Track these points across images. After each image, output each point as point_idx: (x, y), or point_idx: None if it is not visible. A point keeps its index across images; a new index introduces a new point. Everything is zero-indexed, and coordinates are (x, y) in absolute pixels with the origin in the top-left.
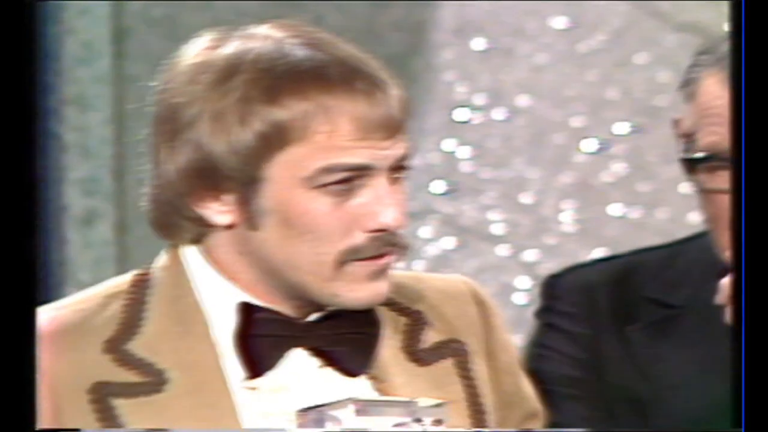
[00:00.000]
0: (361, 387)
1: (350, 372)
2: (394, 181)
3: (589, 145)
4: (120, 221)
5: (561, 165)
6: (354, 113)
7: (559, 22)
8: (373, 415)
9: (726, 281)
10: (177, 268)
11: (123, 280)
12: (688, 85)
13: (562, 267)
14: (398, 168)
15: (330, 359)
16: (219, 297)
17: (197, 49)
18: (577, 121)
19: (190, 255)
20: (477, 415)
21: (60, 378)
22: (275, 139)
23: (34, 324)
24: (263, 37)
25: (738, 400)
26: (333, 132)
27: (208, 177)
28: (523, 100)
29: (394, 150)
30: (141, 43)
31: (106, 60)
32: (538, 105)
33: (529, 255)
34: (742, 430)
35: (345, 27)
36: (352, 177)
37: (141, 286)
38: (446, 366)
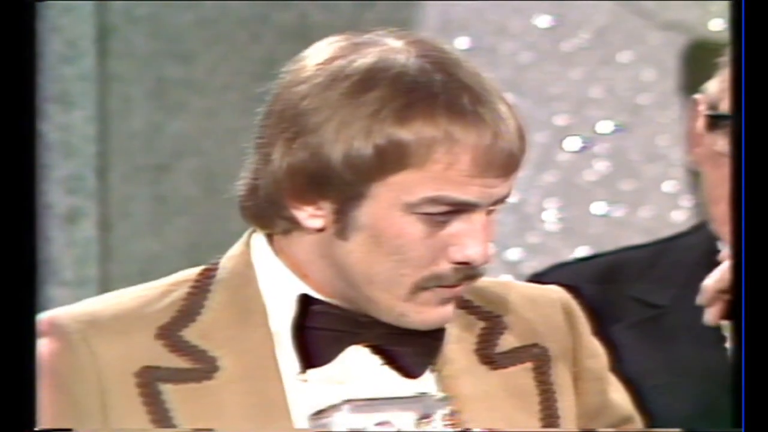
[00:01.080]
0: (425, 387)
1: (410, 373)
2: (489, 214)
3: (573, 143)
4: (103, 219)
5: (544, 163)
6: (478, 148)
7: (543, 20)
8: (369, 413)
9: (708, 282)
10: (244, 258)
11: (194, 271)
12: (723, 54)
13: (546, 266)
14: (499, 202)
15: (390, 358)
16: (281, 288)
17: (331, 53)
18: (560, 120)
19: (259, 246)
20: (549, 419)
21: (107, 362)
22: (394, 160)
23: (33, 323)
24: (402, 51)
25: (738, 400)
26: (452, 164)
27: (316, 183)
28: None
29: (501, 188)
30: (125, 42)
31: (90, 58)
32: (521, 103)
33: (513, 254)
34: (742, 430)
35: (329, 25)
36: (453, 209)
37: (208, 275)
38: (523, 370)
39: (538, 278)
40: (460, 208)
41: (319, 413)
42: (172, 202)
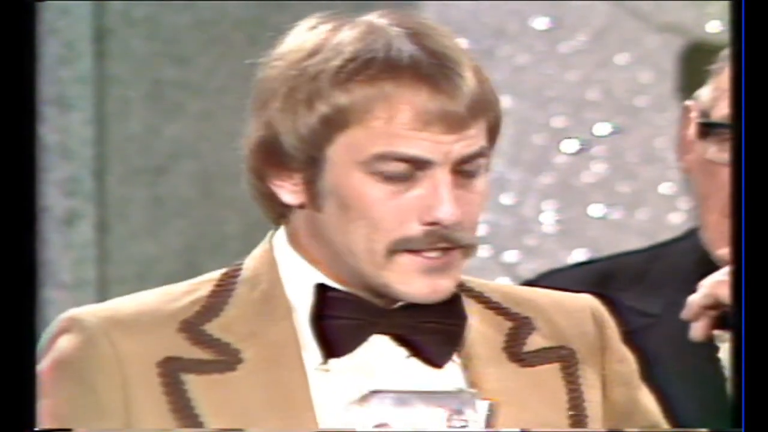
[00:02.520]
0: (451, 380)
1: (433, 362)
2: (462, 177)
3: (570, 145)
4: (101, 221)
5: (542, 166)
6: (414, 103)
7: (541, 22)
8: (402, 406)
9: (693, 298)
10: (267, 257)
11: (216, 272)
12: (717, 61)
13: (539, 272)
14: (465, 164)
15: (413, 348)
16: (301, 281)
17: (300, 30)
18: (558, 122)
19: (280, 243)
20: (578, 418)
21: (129, 353)
22: (336, 122)
23: (33, 323)
24: (362, 23)
25: (738, 400)
26: (391, 119)
27: (276, 155)
28: (504, 101)
29: (458, 146)
30: (122, 44)
31: (88, 60)
32: (519, 106)
33: (510, 256)
34: (742, 430)
35: None
36: (411, 168)
37: (232, 275)
38: (551, 370)
39: (530, 284)
40: (418, 166)
41: (354, 402)
42: (170, 205)
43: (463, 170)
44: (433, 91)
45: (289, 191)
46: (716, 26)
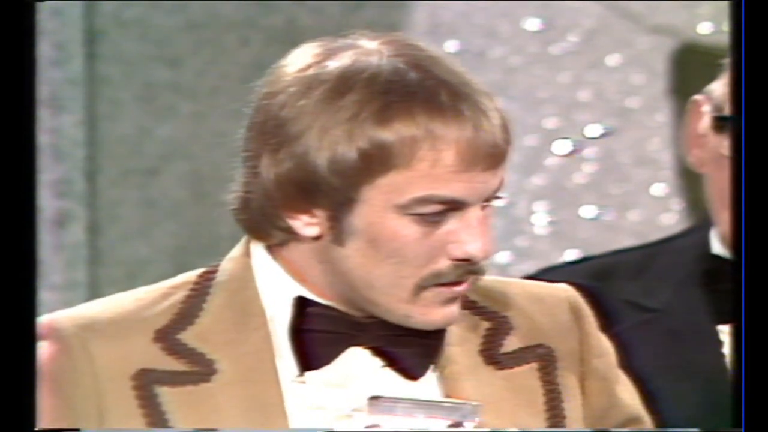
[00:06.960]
0: (427, 389)
1: (411, 374)
2: (484, 209)
3: (562, 146)
4: (92, 223)
5: (533, 167)
6: (460, 142)
7: (532, 24)
8: (401, 415)
9: None
10: (243, 260)
11: (194, 273)
12: (726, 56)
13: (536, 269)
14: (494, 198)
15: (390, 360)
16: (279, 291)
17: (305, 61)
18: (549, 123)
19: (258, 249)
20: (555, 419)
21: (104, 365)
22: (378, 162)
23: (33, 323)
24: (375, 53)
25: (738, 400)
26: (437, 161)
27: (306, 191)
28: None
29: (491, 182)
30: (113, 45)
31: (79, 62)
32: (510, 107)
33: (502, 257)
34: (742, 430)
35: (317, 29)
36: (447, 207)
37: (207, 278)
38: (528, 370)
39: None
40: (453, 206)
41: (353, 410)
42: (161, 206)
43: (486, 203)
44: (477, 129)
45: (306, 224)
46: (708, 28)
